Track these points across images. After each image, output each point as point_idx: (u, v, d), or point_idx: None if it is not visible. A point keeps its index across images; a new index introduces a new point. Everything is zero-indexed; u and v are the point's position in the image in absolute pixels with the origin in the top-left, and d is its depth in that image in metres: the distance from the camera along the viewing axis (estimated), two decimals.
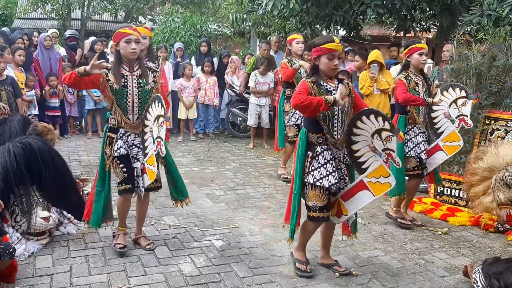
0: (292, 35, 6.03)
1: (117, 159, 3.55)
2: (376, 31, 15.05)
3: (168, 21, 12.00)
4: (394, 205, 4.58)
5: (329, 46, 3.17)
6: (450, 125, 4.34)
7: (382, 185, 3.21)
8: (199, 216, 4.59)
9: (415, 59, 4.21)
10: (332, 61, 3.21)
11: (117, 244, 3.67)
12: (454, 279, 3.53)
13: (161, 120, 3.40)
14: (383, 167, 3.19)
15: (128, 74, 3.51)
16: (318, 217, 3.33)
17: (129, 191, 3.62)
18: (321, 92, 3.23)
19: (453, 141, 4.32)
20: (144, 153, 3.57)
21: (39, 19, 20.35)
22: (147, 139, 3.54)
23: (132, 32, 3.44)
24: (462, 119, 4.29)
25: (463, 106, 4.23)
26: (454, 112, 4.29)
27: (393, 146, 3.15)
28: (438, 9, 7.59)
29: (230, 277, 3.39)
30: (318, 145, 3.27)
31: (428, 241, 4.25)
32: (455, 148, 4.35)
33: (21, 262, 3.41)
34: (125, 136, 3.57)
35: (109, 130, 3.60)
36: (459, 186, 5.10)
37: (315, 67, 3.29)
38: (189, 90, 8.14)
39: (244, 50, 11.95)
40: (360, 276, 3.50)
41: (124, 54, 3.47)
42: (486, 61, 5.01)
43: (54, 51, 7.92)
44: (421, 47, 4.19)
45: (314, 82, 3.25)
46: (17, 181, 3.60)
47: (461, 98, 4.23)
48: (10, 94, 5.57)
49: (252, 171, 6.43)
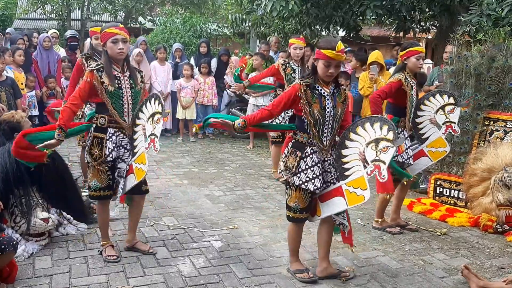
0: (292, 38, 5.95)
1: (106, 166, 3.45)
2: (376, 31, 15.05)
3: (167, 22, 12.00)
4: (377, 216, 4.49)
5: (327, 53, 3.06)
6: (436, 131, 4.25)
7: (357, 197, 3.13)
8: (198, 217, 4.59)
9: (413, 63, 4.12)
10: (327, 68, 3.11)
11: (109, 256, 3.56)
12: (453, 279, 3.54)
13: (157, 117, 3.34)
14: (363, 179, 3.10)
15: (120, 75, 3.41)
16: (298, 218, 3.29)
17: (109, 197, 3.55)
18: (314, 96, 3.15)
19: (439, 147, 4.26)
20: (133, 152, 3.47)
21: (39, 20, 20.36)
22: (137, 138, 3.46)
23: (118, 31, 3.32)
24: (449, 126, 4.20)
25: (451, 113, 4.16)
26: (441, 118, 4.20)
27: (387, 158, 3.03)
28: (437, 10, 7.58)
29: (229, 277, 3.39)
30: (308, 146, 3.22)
31: (427, 242, 4.25)
32: (440, 154, 4.30)
33: (21, 263, 3.41)
34: (114, 136, 3.44)
35: (97, 130, 3.44)
36: (458, 187, 5.10)
37: (314, 68, 3.22)
38: (187, 90, 8.14)
39: (244, 51, 11.95)
40: (359, 277, 3.50)
41: (112, 54, 3.36)
42: (485, 62, 5.02)
43: (53, 52, 7.93)
44: (419, 51, 4.10)
45: (308, 86, 3.17)
46: (16, 182, 3.61)
47: (449, 105, 4.15)
48: (10, 95, 5.57)
49: (251, 172, 6.43)
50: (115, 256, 3.56)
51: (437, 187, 5.31)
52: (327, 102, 3.16)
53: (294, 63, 5.74)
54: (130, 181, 3.48)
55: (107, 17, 19.73)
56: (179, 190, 5.42)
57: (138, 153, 3.44)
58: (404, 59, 4.16)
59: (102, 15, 19.10)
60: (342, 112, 3.25)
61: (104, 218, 3.66)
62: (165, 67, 8.26)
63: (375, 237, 4.29)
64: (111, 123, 3.43)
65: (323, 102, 3.16)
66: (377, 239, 4.26)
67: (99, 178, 3.46)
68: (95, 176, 3.46)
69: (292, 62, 5.74)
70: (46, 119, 7.60)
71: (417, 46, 4.14)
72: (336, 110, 3.20)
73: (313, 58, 3.22)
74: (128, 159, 3.50)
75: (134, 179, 3.45)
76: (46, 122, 7.64)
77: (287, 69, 5.69)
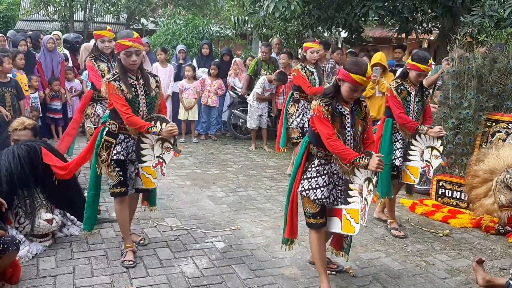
0: (308, 42, 6.02)
1: (114, 163, 3.50)
2: (378, 32, 15.07)
3: (170, 23, 12.04)
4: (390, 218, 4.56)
5: (356, 78, 2.94)
6: (418, 160, 4.28)
7: (350, 226, 3.15)
8: (201, 218, 4.61)
9: (413, 76, 4.14)
10: (353, 92, 3.01)
11: (126, 260, 3.57)
12: (455, 281, 3.55)
13: (167, 145, 3.51)
14: (358, 213, 3.11)
15: (136, 83, 3.47)
16: (313, 224, 3.25)
17: (124, 193, 3.57)
18: (335, 114, 3.06)
19: (412, 173, 4.33)
20: (140, 159, 3.56)
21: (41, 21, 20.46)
22: (145, 148, 3.55)
23: (132, 44, 3.34)
24: (427, 166, 4.24)
25: (435, 158, 4.19)
26: (426, 155, 4.24)
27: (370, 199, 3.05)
28: (439, 11, 7.60)
29: (232, 278, 3.41)
30: (317, 158, 3.20)
31: (429, 243, 4.26)
32: (409, 179, 4.37)
33: (25, 264, 3.43)
34: (124, 143, 3.52)
35: (108, 135, 3.52)
36: (460, 188, 5.11)
37: (337, 88, 3.08)
38: (189, 91, 8.16)
39: (246, 52, 11.98)
40: (361, 278, 3.52)
41: (125, 65, 3.42)
42: (487, 63, 5.02)
43: (56, 53, 7.95)
44: (423, 69, 4.07)
45: (328, 105, 3.06)
46: (21, 183, 3.63)
47: (436, 150, 4.18)
48: (14, 96, 5.60)
49: (254, 172, 6.45)
50: (131, 262, 3.56)
51: (439, 189, 5.32)
52: (347, 121, 3.09)
53: (310, 66, 5.95)
54: (137, 182, 3.68)
55: (110, 18, 19.82)
56: (181, 191, 5.44)
57: (146, 164, 3.58)
58: (408, 68, 4.18)
59: (104, 16, 19.17)
60: (363, 130, 3.19)
61: (123, 218, 3.66)
62: (167, 69, 8.27)
63: (377, 238, 4.30)
64: (122, 129, 3.51)
65: (343, 121, 3.08)
66: (379, 240, 4.27)
67: (110, 176, 3.54)
68: (107, 173, 3.55)
69: (308, 65, 5.94)
70: (49, 120, 7.67)
71: (424, 64, 4.07)
72: (356, 128, 3.13)
73: (337, 77, 3.08)
74: (136, 162, 3.60)
75: (140, 182, 3.65)
76: (49, 123, 7.70)
77: (306, 72, 5.89)
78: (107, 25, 8.59)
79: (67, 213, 4.07)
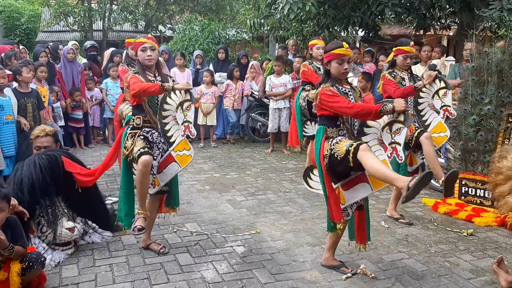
0: (313, 40, 6.27)
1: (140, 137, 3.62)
2: (396, 30, 14.88)
3: (186, 29, 12.14)
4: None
5: (338, 51, 3.33)
6: (436, 116, 4.32)
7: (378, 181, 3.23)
8: (221, 222, 4.62)
9: (400, 61, 4.45)
10: (342, 65, 3.35)
11: (136, 226, 3.63)
12: (480, 281, 3.47)
13: (186, 105, 3.61)
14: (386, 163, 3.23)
15: (154, 80, 3.70)
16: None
17: (149, 153, 3.53)
18: (340, 93, 3.34)
19: (440, 132, 4.31)
20: (168, 142, 3.70)
21: (62, 32, 20.84)
22: (169, 129, 3.69)
23: (146, 40, 3.67)
24: (446, 110, 4.27)
25: (445, 96, 4.23)
26: (438, 103, 4.29)
27: (401, 139, 3.26)
28: (457, 6, 7.48)
29: (252, 283, 3.40)
30: (338, 136, 3.35)
31: (453, 243, 4.18)
32: (442, 139, 4.35)
33: (48, 272, 3.48)
34: (148, 134, 3.68)
35: (132, 129, 3.71)
36: (484, 186, 5.00)
37: (327, 72, 3.44)
38: (207, 96, 8.20)
39: (263, 55, 11.99)
40: (384, 280, 3.47)
41: (141, 61, 3.69)
42: (507, 57, 4.92)
43: (76, 63, 8.09)
44: (407, 50, 4.37)
45: (332, 86, 3.35)
46: (43, 193, 3.69)
47: (442, 89, 4.21)
48: (35, 106, 5.70)
49: (272, 176, 6.43)
50: (140, 227, 3.62)
51: (462, 187, 5.22)
52: (350, 98, 3.39)
53: (317, 62, 6.06)
54: (172, 170, 3.75)
55: (128, 26, 20.07)
56: (201, 196, 5.46)
57: (176, 142, 3.71)
58: (394, 55, 4.47)
59: (123, 25, 19.43)
60: None
61: (143, 187, 3.62)
62: (185, 74, 8.32)
63: (400, 240, 4.24)
64: (146, 122, 3.70)
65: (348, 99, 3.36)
66: (402, 241, 4.21)
67: (136, 145, 3.60)
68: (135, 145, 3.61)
69: (315, 62, 6.07)
70: (71, 129, 7.80)
71: (407, 45, 4.39)
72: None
73: (324, 64, 3.46)
74: (159, 157, 3.70)
75: (177, 166, 3.74)
76: (71, 132, 7.83)
77: (314, 68, 6.02)
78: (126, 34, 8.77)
79: (88, 221, 4.12)
